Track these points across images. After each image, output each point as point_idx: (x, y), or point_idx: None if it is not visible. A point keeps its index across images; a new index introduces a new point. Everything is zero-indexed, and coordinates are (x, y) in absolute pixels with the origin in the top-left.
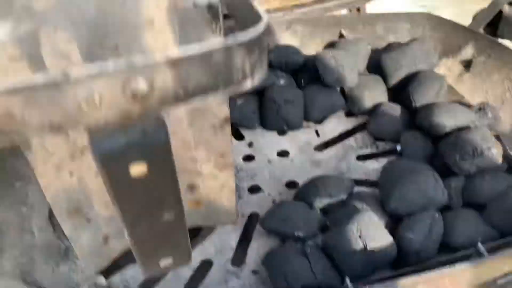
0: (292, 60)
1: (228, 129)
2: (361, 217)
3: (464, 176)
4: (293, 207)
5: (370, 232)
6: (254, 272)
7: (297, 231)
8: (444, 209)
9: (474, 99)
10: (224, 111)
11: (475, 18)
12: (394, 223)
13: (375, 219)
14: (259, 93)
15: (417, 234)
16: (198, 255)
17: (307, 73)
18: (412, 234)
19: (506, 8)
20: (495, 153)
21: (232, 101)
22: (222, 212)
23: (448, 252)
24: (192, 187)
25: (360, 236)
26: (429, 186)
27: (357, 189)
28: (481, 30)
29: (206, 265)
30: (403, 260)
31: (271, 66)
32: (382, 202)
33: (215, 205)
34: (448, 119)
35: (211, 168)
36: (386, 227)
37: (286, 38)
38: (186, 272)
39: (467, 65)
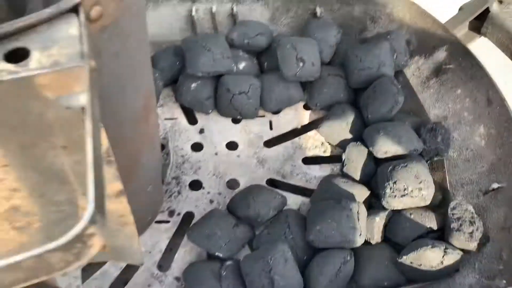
0: (256, 43)
1: (124, 198)
2: (275, 251)
3: (392, 210)
4: (219, 222)
5: (280, 268)
6: (177, 279)
7: (218, 251)
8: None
9: (434, 110)
10: (116, 186)
11: (461, 9)
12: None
13: (288, 255)
14: (217, 77)
15: (324, 276)
16: None
17: (271, 57)
18: (320, 275)
19: (494, 6)
20: (425, 194)
21: (186, 84)
22: (129, 256)
23: None
24: None
25: (270, 271)
26: (346, 225)
27: (292, 198)
28: (466, 24)
29: (133, 266)
30: None
31: (232, 46)
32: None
33: (121, 251)
34: (390, 145)
35: (114, 225)
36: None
37: (256, 9)
38: (114, 271)
39: (437, 69)
